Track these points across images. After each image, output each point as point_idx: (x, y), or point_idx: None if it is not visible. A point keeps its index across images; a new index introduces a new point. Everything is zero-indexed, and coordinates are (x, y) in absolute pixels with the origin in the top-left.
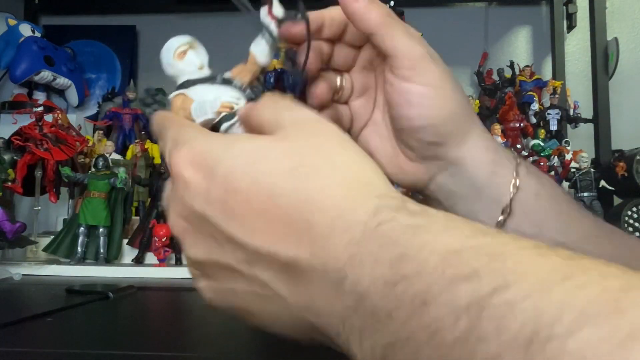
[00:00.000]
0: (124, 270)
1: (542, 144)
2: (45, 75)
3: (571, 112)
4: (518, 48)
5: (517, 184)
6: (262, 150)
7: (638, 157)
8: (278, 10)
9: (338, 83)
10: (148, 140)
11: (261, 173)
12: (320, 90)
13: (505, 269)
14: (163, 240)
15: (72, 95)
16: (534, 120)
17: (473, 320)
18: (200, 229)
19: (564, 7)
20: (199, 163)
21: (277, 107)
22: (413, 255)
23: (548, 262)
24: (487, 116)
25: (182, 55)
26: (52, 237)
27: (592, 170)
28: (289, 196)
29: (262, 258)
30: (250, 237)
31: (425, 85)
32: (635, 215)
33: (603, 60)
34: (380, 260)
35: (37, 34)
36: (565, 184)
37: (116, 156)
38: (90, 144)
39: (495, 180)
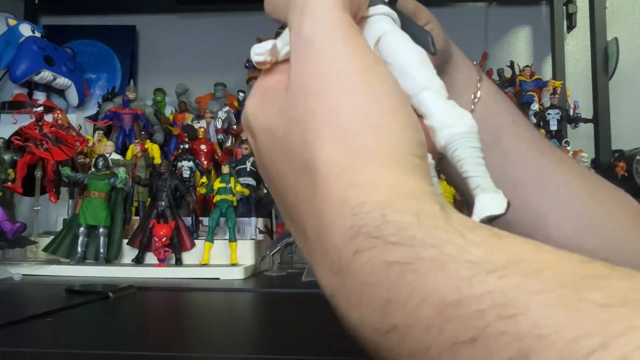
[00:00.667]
0: (124, 270)
1: None
2: (45, 75)
3: (571, 112)
4: (518, 48)
5: (480, 86)
6: (272, 125)
7: (638, 157)
8: None
9: None
10: (148, 140)
11: (277, 156)
12: None
13: (520, 332)
14: (163, 240)
15: (72, 95)
16: (534, 120)
17: None
18: None
19: (564, 7)
20: (247, 126)
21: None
22: (402, 302)
23: (576, 318)
24: None
25: None
26: (52, 237)
27: (592, 170)
28: (294, 191)
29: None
30: (281, 211)
31: (429, 20)
32: None
33: (603, 60)
34: (365, 302)
35: (37, 34)
36: None
37: (116, 156)
38: (90, 144)
39: (470, 79)
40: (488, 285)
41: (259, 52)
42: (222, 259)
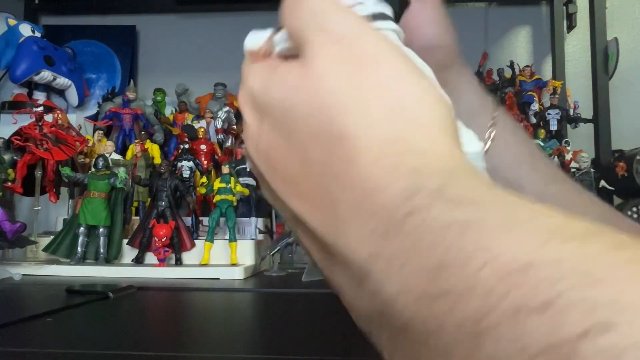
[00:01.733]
0: (124, 270)
1: (542, 144)
2: (45, 75)
3: (571, 112)
4: (518, 48)
5: (497, 114)
6: (291, 96)
7: (638, 157)
8: None
9: None
10: (148, 140)
11: (294, 132)
12: None
13: (602, 299)
14: (163, 240)
15: (72, 95)
16: (534, 120)
17: None
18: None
19: (564, 7)
20: (253, 106)
21: (304, 13)
22: (459, 265)
23: None
24: None
25: None
26: (52, 237)
27: (592, 170)
28: (319, 165)
29: (299, 222)
30: (287, 198)
31: (438, 8)
32: (635, 215)
33: (603, 60)
34: (413, 265)
35: (37, 34)
36: None
37: (116, 156)
38: (90, 144)
39: (484, 108)
40: (565, 252)
41: (256, 37)
42: (222, 259)
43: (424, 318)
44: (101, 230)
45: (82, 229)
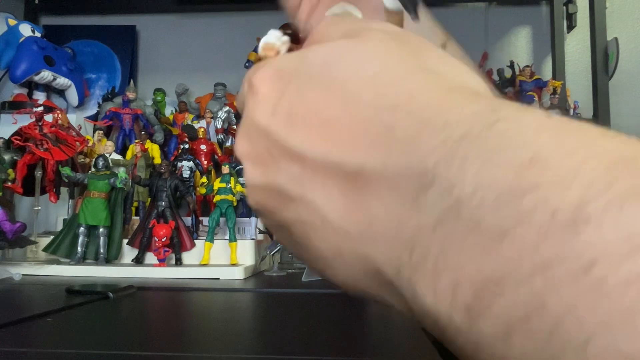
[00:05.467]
0: (124, 270)
1: None
2: (45, 75)
3: (571, 112)
4: (518, 48)
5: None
6: (340, 54)
7: None
8: None
9: None
10: (148, 140)
11: (337, 80)
12: None
13: None
14: (163, 240)
15: (72, 95)
16: None
17: None
18: (259, 147)
19: (564, 7)
20: (278, 78)
21: (345, 21)
22: (554, 161)
23: None
24: None
25: None
26: (52, 237)
27: None
28: (367, 103)
29: (318, 172)
30: (311, 146)
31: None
32: None
33: (603, 60)
34: (497, 161)
35: (37, 34)
36: None
37: (116, 156)
38: (90, 144)
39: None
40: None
41: (276, 35)
42: (222, 259)
43: (505, 213)
44: (101, 230)
45: (82, 229)
